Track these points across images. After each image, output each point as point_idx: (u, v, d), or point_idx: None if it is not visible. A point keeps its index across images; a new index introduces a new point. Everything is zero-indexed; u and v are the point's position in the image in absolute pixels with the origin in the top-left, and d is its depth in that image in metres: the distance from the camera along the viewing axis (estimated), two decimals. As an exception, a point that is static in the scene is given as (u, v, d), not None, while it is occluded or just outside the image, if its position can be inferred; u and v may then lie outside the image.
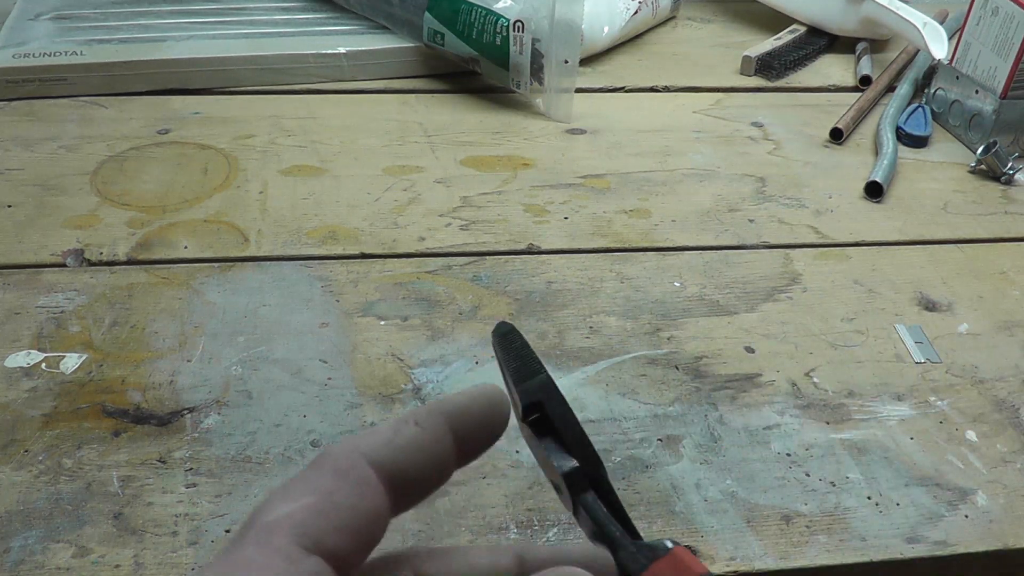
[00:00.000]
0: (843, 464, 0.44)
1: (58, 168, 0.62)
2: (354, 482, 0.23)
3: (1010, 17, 0.68)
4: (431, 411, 0.25)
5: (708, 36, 0.90)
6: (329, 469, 0.23)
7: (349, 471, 0.23)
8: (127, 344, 0.48)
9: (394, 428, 0.24)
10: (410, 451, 0.24)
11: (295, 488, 0.22)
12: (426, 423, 0.24)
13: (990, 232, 0.63)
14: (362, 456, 0.23)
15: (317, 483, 0.22)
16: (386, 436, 0.24)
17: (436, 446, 0.24)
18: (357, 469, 0.23)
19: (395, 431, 0.24)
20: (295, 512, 0.22)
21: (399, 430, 0.24)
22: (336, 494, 0.22)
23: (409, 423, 0.24)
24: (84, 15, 0.78)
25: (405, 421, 0.24)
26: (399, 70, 0.77)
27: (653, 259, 0.58)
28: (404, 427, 0.24)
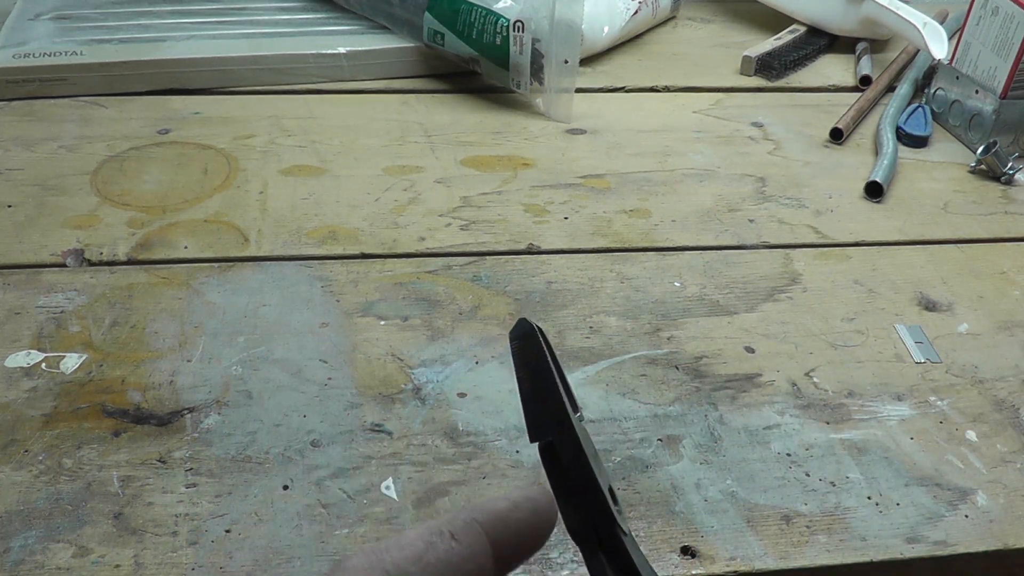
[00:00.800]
0: (843, 464, 0.44)
1: (58, 168, 0.62)
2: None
3: (1010, 17, 0.68)
4: (468, 522, 0.22)
5: (708, 36, 0.90)
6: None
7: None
8: (127, 344, 0.48)
9: (426, 541, 0.21)
10: (441, 569, 0.21)
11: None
12: (463, 536, 0.22)
13: (990, 232, 0.63)
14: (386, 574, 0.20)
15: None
16: (417, 551, 0.21)
17: (472, 563, 0.22)
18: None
19: (427, 545, 0.21)
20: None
21: (432, 544, 0.21)
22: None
23: (445, 536, 0.21)
24: (84, 15, 0.78)
25: (440, 532, 0.21)
26: (399, 70, 0.77)
27: (653, 259, 0.58)
28: (438, 541, 0.21)
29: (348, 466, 0.42)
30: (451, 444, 0.44)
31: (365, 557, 0.21)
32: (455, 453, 0.43)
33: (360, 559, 0.21)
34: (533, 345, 0.24)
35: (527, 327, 0.25)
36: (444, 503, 0.41)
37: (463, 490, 0.41)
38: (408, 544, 0.21)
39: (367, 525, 0.40)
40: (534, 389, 0.23)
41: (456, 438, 0.44)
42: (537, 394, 0.23)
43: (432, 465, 0.42)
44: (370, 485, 0.41)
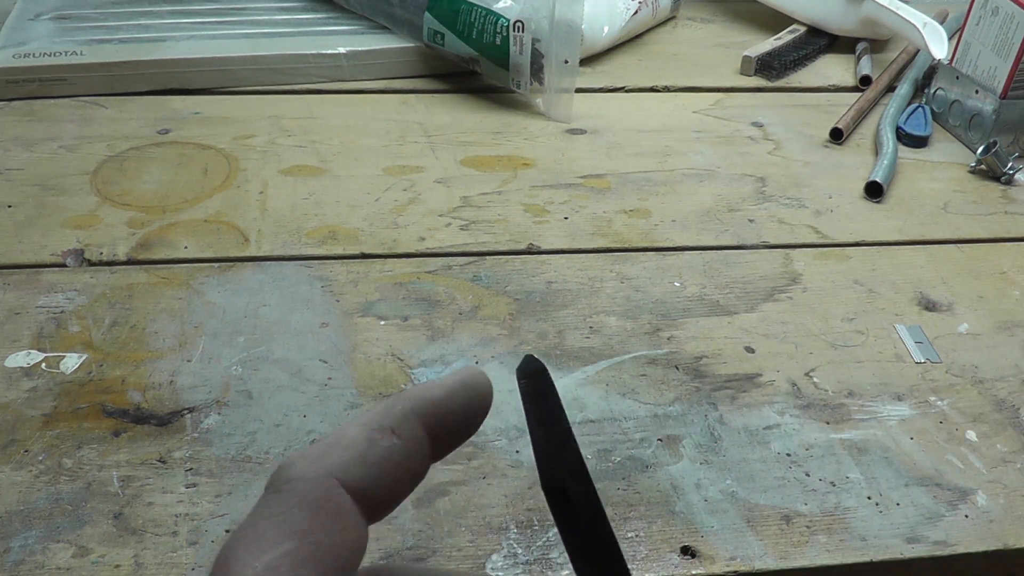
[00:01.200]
0: (843, 464, 0.44)
1: (58, 168, 0.62)
2: (332, 515, 0.20)
3: (1010, 17, 0.68)
4: (406, 414, 0.22)
5: (708, 36, 0.90)
6: (300, 502, 0.20)
7: (324, 503, 0.20)
8: (127, 344, 0.48)
9: (367, 439, 0.21)
10: (386, 466, 0.21)
11: (265, 531, 0.19)
12: (402, 430, 0.21)
13: (990, 232, 0.63)
14: (333, 479, 0.20)
15: (290, 522, 0.19)
16: (358, 451, 0.21)
17: (414, 457, 0.22)
18: (333, 499, 0.20)
19: (368, 443, 0.21)
20: (275, 563, 0.19)
21: (373, 442, 0.21)
22: (315, 533, 0.19)
23: (385, 432, 0.21)
24: (84, 15, 0.78)
25: (380, 429, 0.21)
26: (399, 70, 0.77)
27: (653, 259, 0.58)
28: (379, 438, 0.21)
29: (348, 466, 0.42)
30: (451, 444, 0.44)
31: (308, 462, 0.20)
32: (455, 453, 0.43)
33: (303, 465, 0.20)
34: (544, 385, 0.23)
35: (537, 365, 0.24)
36: (444, 503, 0.41)
37: (463, 490, 0.41)
38: (350, 444, 0.21)
39: (367, 525, 0.39)
40: (548, 433, 0.23)
41: (456, 438, 0.44)
42: (551, 438, 0.23)
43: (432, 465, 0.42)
44: (370, 485, 0.41)
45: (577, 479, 0.22)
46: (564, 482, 0.22)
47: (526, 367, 0.23)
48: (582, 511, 0.22)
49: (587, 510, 0.22)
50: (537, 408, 0.23)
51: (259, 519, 0.20)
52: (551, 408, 0.23)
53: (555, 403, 0.23)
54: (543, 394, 0.23)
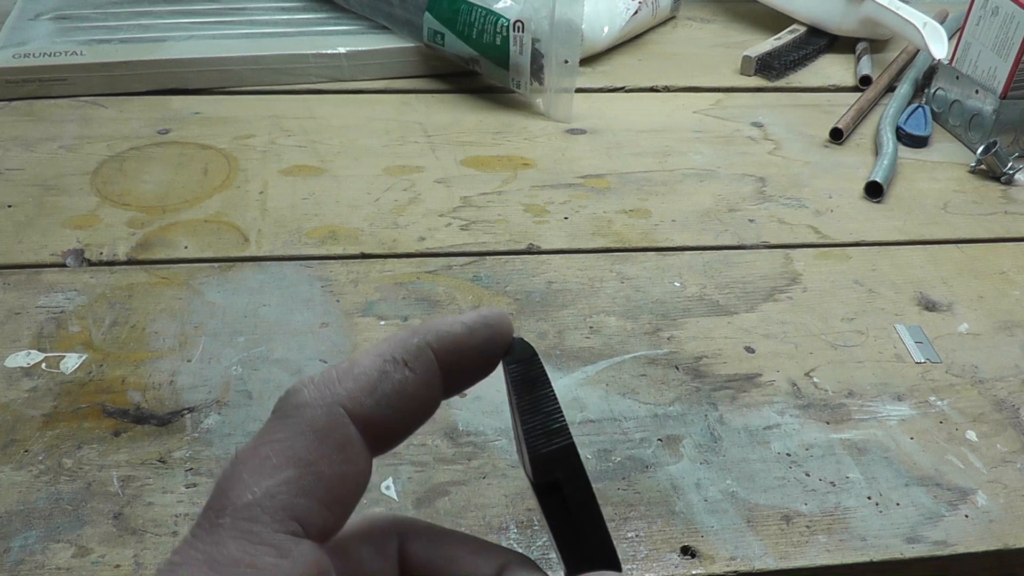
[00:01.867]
0: (843, 464, 0.44)
1: (58, 168, 0.62)
2: (337, 445, 0.19)
3: (1010, 17, 0.68)
4: (422, 347, 0.21)
5: (708, 36, 0.90)
6: (305, 428, 0.19)
7: (330, 432, 0.19)
8: (127, 344, 0.48)
9: (380, 370, 0.20)
10: (397, 400, 0.20)
11: (268, 455, 0.19)
12: (416, 364, 0.21)
13: (990, 232, 0.63)
14: (342, 408, 0.20)
15: (294, 449, 0.19)
16: (369, 381, 0.20)
17: (425, 392, 0.21)
18: (339, 429, 0.20)
19: (381, 374, 0.20)
20: (275, 490, 0.19)
21: (386, 374, 0.20)
22: (319, 463, 0.19)
23: (399, 363, 0.21)
24: (84, 15, 0.78)
25: (394, 360, 0.21)
26: (399, 70, 0.77)
27: (653, 259, 0.58)
28: (392, 370, 0.20)
29: (348, 466, 0.42)
30: (451, 444, 0.44)
31: (317, 390, 0.20)
32: (455, 453, 0.43)
33: (312, 392, 0.20)
34: (535, 371, 0.22)
35: (526, 349, 0.23)
36: (444, 503, 0.41)
37: (463, 490, 0.41)
38: (362, 373, 0.20)
39: (367, 525, 0.39)
40: (538, 422, 0.22)
41: (456, 438, 0.44)
42: (541, 427, 0.22)
43: (432, 465, 0.42)
44: (370, 485, 0.41)
45: (572, 471, 0.21)
46: (557, 475, 0.21)
47: (516, 352, 0.22)
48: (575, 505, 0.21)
49: (581, 504, 0.21)
50: (529, 395, 0.22)
51: (263, 443, 0.19)
52: (545, 395, 0.22)
53: (549, 391, 0.22)
54: (535, 380, 0.22)
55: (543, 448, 0.21)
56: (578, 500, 0.21)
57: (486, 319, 0.22)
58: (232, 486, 0.19)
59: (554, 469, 0.21)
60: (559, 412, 0.22)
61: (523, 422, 0.22)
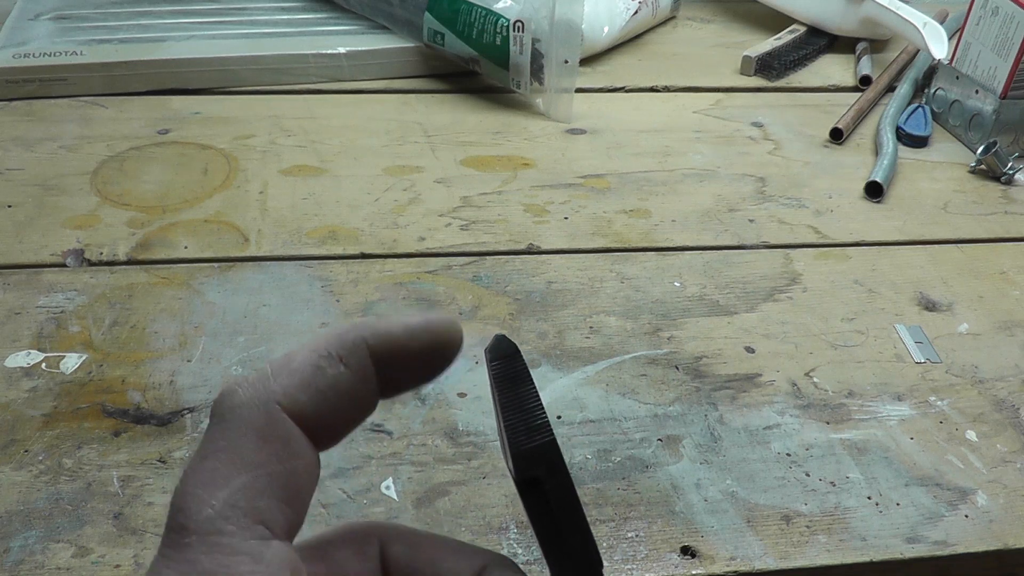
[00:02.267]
0: (843, 464, 0.44)
1: (58, 168, 0.62)
2: (280, 442, 0.19)
3: (1010, 17, 0.68)
4: (357, 344, 0.21)
5: (708, 36, 0.90)
6: (246, 430, 0.19)
7: (271, 430, 0.19)
8: (127, 344, 0.48)
9: (314, 365, 0.20)
10: (332, 396, 0.20)
11: (216, 466, 0.19)
12: (351, 360, 0.21)
13: (990, 232, 0.63)
14: (277, 405, 0.20)
15: (240, 453, 0.19)
16: (303, 377, 0.20)
17: (361, 388, 0.21)
18: (278, 425, 0.20)
19: (314, 369, 0.20)
20: (233, 498, 0.19)
21: (319, 369, 0.20)
22: (268, 463, 0.19)
23: (333, 359, 0.20)
24: (84, 15, 0.78)
25: (329, 356, 0.20)
26: (399, 70, 0.77)
27: (653, 259, 0.58)
28: (327, 366, 0.20)
29: (348, 466, 0.42)
30: (451, 444, 0.44)
31: (252, 388, 0.20)
32: (455, 453, 0.43)
33: (247, 391, 0.20)
34: (517, 366, 0.22)
35: (509, 346, 0.22)
36: (444, 503, 0.41)
37: (463, 490, 0.41)
38: (296, 369, 0.20)
39: (367, 525, 0.39)
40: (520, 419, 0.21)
41: (456, 438, 0.44)
42: (523, 423, 0.21)
43: (432, 465, 0.42)
44: (370, 485, 0.41)
45: (553, 469, 0.21)
46: (538, 471, 0.21)
47: (498, 348, 0.22)
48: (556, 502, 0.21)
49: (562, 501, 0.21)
50: (511, 392, 0.22)
51: (208, 455, 0.19)
52: (527, 392, 0.22)
53: (531, 387, 0.22)
54: (517, 377, 0.22)
55: (524, 445, 0.21)
56: (559, 496, 0.21)
57: (429, 324, 0.21)
58: (188, 503, 0.19)
59: (535, 466, 0.21)
60: (541, 409, 0.22)
61: (505, 419, 0.22)
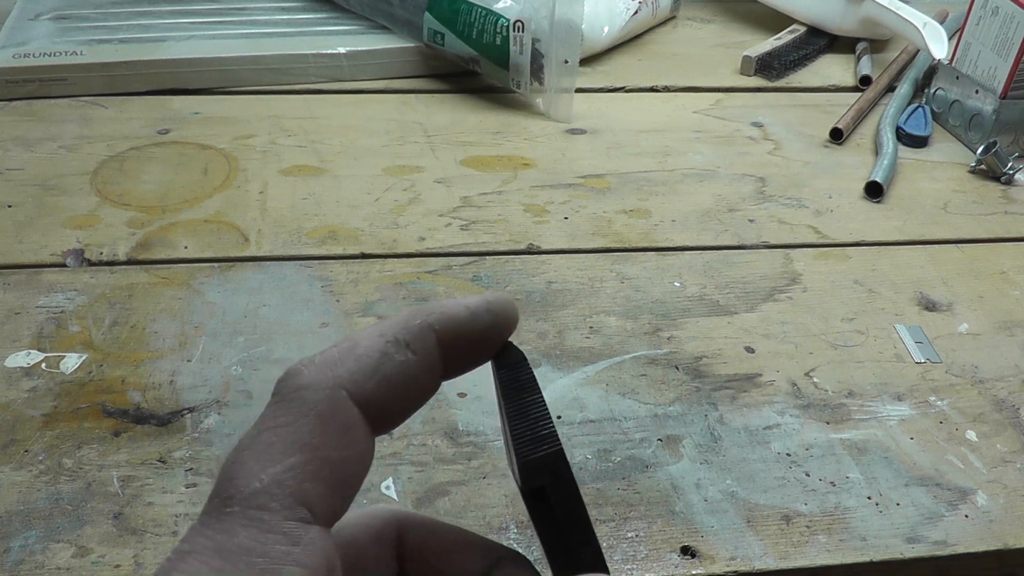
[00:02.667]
0: (843, 464, 0.44)
1: (58, 168, 0.62)
2: (340, 429, 0.19)
3: (1010, 17, 0.68)
4: (424, 328, 0.21)
5: (708, 36, 0.90)
6: (308, 412, 0.19)
7: (333, 415, 0.19)
8: (127, 344, 0.48)
9: (381, 351, 0.20)
10: (399, 382, 0.20)
11: (272, 441, 0.19)
12: (418, 346, 0.20)
13: (990, 232, 0.63)
14: (344, 391, 0.20)
15: (298, 434, 0.19)
16: (372, 363, 0.20)
17: (426, 373, 0.21)
18: (341, 411, 0.19)
19: (382, 356, 0.20)
20: (282, 476, 0.18)
21: (388, 356, 0.20)
22: (324, 447, 0.19)
23: (400, 345, 0.20)
24: (84, 15, 0.78)
25: (396, 341, 0.20)
26: (399, 70, 0.77)
27: (653, 259, 0.58)
28: (394, 352, 0.20)
29: (348, 466, 0.42)
30: (451, 444, 0.44)
31: (318, 371, 0.20)
32: (455, 453, 0.43)
33: (313, 373, 0.20)
34: (524, 376, 0.22)
35: (516, 355, 0.22)
36: (444, 503, 0.41)
37: (463, 490, 0.41)
38: (363, 354, 0.20)
39: (367, 525, 0.40)
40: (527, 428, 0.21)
41: (456, 438, 0.44)
42: (530, 433, 0.21)
43: (432, 465, 0.42)
44: (370, 485, 0.41)
45: (559, 479, 0.21)
46: (544, 481, 0.21)
47: (505, 356, 0.22)
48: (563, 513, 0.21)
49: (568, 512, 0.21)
50: (517, 400, 0.22)
51: (265, 429, 0.19)
52: (533, 401, 0.22)
53: (538, 396, 0.22)
54: (524, 385, 0.22)
55: (530, 454, 0.21)
56: (565, 507, 0.21)
57: (490, 304, 0.22)
58: (238, 473, 0.18)
59: (541, 475, 0.21)
60: (548, 418, 0.21)
61: (511, 428, 0.21)
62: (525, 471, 0.21)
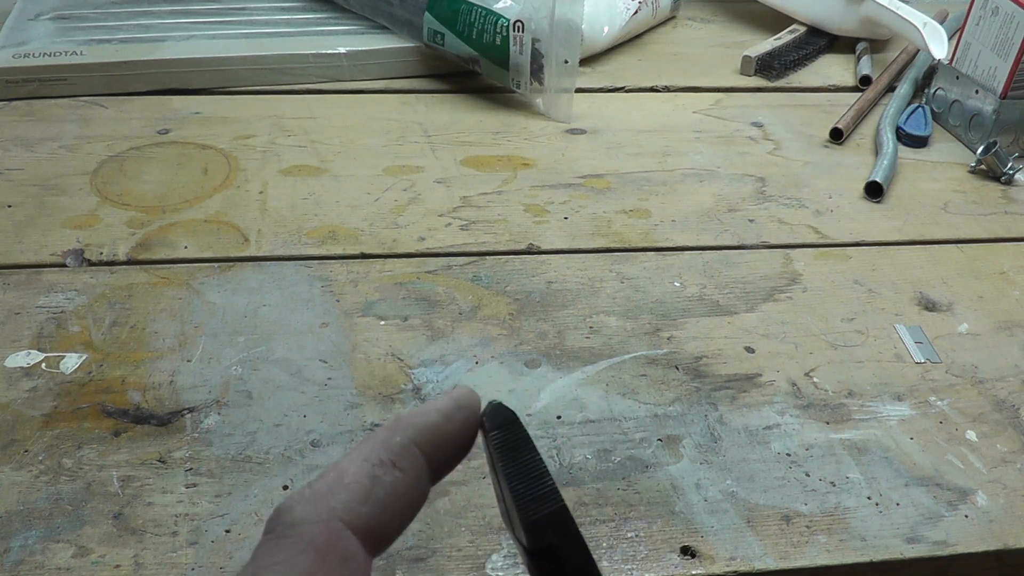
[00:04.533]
0: (843, 464, 0.44)
1: (58, 168, 0.62)
2: (339, 560, 0.19)
3: (1010, 17, 0.68)
4: (406, 445, 0.21)
5: (708, 36, 0.90)
6: (304, 548, 0.19)
7: (331, 548, 0.19)
8: (127, 344, 0.48)
9: (369, 476, 0.20)
10: (391, 503, 0.20)
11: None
12: (404, 463, 0.21)
13: (990, 232, 0.63)
14: (340, 522, 0.19)
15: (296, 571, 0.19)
16: (363, 489, 0.20)
17: (416, 488, 0.21)
18: (340, 543, 0.19)
19: (372, 480, 0.20)
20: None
21: (376, 479, 0.20)
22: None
23: (387, 466, 0.21)
24: (84, 15, 0.78)
25: (382, 463, 0.21)
26: (399, 70, 0.77)
27: (653, 259, 0.58)
28: (382, 474, 0.20)
29: (348, 466, 0.42)
30: (451, 444, 0.44)
31: (310, 505, 0.20)
32: (455, 453, 0.43)
33: (304, 508, 0.20)
34: (519, 435, 0.22)
35: (507, 414, 0.22)
36: (444, 503, 0.41)
37: (463, 490, 0.41)
38: (353, 482, 0.20)
39: (367, 525, 0.39)
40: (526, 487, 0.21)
41: (456, 438, 0.44)
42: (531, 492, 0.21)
43: (432, 465, 0.42)
44: (370, 485, 0.41)
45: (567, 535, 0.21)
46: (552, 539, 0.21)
47: (497, 417, 0.22)
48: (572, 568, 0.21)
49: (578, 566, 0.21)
50: (515, 460, 0.22)
51: (262, 568, 0.19)
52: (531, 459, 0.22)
53: (535, 455, 0.22)
54: (520, 444, 0.22)
55: (535, 514, 0.21)
56: (575, 563, 0.21)
57: (458, 401, 0.22)
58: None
59: (548, 534, 0.21)
60: (547, 475, 0.21)
61: (512, 489, 0.21)
62: (532, 531, 0.21)
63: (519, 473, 0.21)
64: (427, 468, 0.21)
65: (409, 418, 0.22)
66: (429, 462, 0.21)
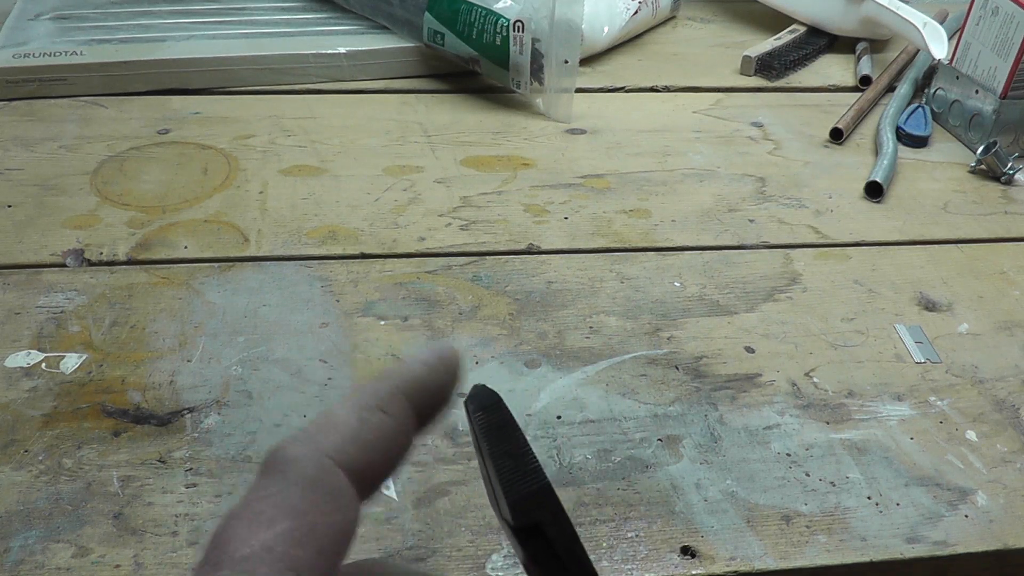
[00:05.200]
0: (843, 464, 0.44)
1: (58, 168, 0.62)
2: (329, 494, 0.20)
3: (1010, 17, 0.68)
4: (393, 392, 0.22)
5: (708, 36, 0.90)
6: (296, 481, 0.20)
7: (320, 481, 0.20)
8: (127, 344, 0.48)
9: (359, 418, 0.21)
10: (379, 444, 0.21)
11: (262, 509, 0.19)
12: (391, 408, 0.22)
13: (990, 232, 0.63)
14: (328, 458, 0.20)
15: (287, 501, 0.19)
16: (351, 430, 0.21)
17: (402, 433, 0.22)
18: (329, 478, 0.20)
19: (360, 422, 0.21)
20: (271, 542, 0.19)
21: (365, 420, 0.21)
22: (311, 513, 0.20)
23: (374, 410, 0.22)
24: (84, 15, 0.78)
25: (369, 408, 0.22)
26: (399, 70, 0.77)
27: (653, 259, 0.58)
28: (370, 416, 0.21)
29: (348, 466, 0.42)
30: (451, 444, 0.44)
31: (303, 445, 0.21)
32: (455, 453, 0.43)
33: (297, 446, 0.21)
34: (503, 416, 0.23)
35: (490, 396, 0.23)
36: (444, 503, 0.41)
37: (463, 490, 0.41)
38: (342, 424, 0.21)
39: (367, 525, 0.40)
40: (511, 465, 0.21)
41: (456, 438, 0.44)
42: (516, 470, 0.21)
43: (432, 465, 0.42)
44: (370, 485, 0.41)
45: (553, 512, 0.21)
46: (538, 516, 0.21)
47: (480, 399, 0.23)
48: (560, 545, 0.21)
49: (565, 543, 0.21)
50: (499, 440, 0.22)
51: (255, 498, 0.20)
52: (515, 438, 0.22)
53: (518, 434, 0.22)
54: (504, 425, 0.22)
55: (521, 491, 0.21)
56: (562, 541, 0.21)
57: (441, 356, 0.24)
58: (228, 540, 0.19)
59: (534, 512, 0.21)
60: (531, 454, 0.22)
61: (497, 468, 0.22)
62: (518, 508, 0.21)
63: (504, 452, 0.22)
64: (413, 415, 0.23)
65: (395, 369, 0.23)
66: (415, 410, 0.23)
